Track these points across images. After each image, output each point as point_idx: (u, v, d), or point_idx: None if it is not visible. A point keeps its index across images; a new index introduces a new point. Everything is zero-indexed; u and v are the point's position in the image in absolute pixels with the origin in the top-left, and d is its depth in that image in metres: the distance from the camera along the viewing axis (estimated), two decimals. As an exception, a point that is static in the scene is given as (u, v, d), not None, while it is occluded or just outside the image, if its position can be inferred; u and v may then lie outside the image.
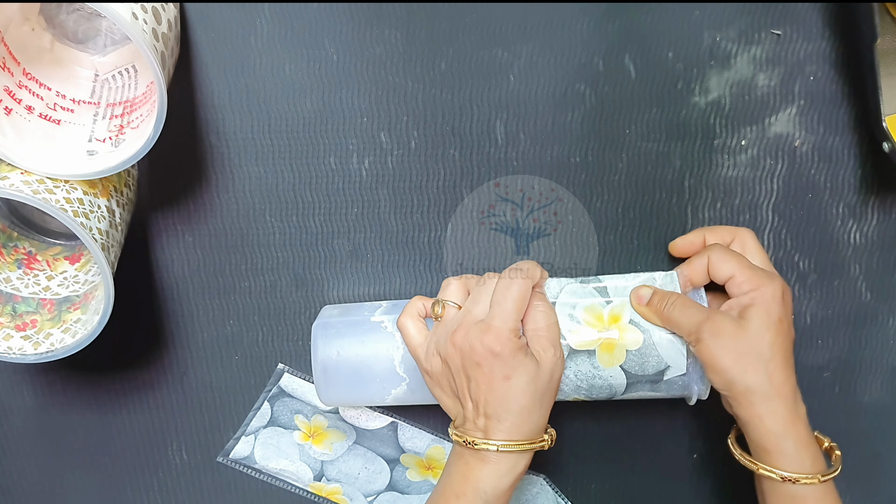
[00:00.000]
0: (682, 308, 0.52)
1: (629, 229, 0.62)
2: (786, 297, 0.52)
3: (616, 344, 0.53)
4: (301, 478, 0.69)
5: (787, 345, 0.52)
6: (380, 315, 0.57)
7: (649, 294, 0.54)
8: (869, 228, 0.61)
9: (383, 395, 0.57)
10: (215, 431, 0.67)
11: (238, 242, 0.62)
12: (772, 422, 0.50)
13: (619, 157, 0.60)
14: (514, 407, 0.50)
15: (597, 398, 0.56)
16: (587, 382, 0.54)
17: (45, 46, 0.54)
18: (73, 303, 0.57)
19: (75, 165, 0.50)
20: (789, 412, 0.51)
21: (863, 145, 0.59)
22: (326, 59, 0.57)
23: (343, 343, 0.57)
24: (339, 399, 0.59)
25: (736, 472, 0.69)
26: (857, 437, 0.67)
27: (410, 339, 0.54)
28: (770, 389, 0.50)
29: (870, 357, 0.65)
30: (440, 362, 0.52)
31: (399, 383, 0.57)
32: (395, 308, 0.58)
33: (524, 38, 0.57)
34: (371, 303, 0.60)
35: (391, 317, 0.57)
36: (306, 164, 0.60)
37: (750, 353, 0.50)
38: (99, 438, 0.67)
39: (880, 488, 0.69)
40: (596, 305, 0.54)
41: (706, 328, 0.51)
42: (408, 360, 0.56)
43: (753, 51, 0.57)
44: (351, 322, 0.58)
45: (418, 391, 0.57)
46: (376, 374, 0.57)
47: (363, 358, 0.56)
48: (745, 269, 0.53)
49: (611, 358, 0.54)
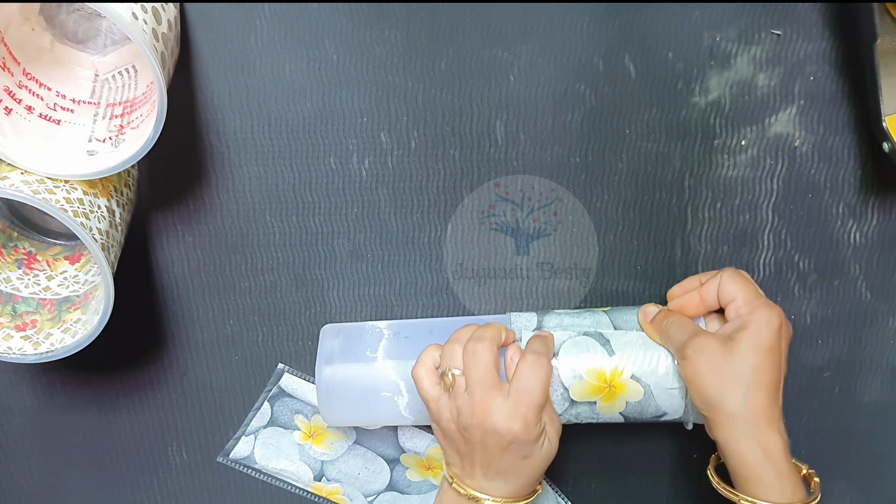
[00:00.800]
0: (677, 325, 0.53)
1: (629, 229, 0.62)
2: (783, 329, 0.51)
3: (617, 396, 0.55)
4: (301, 478, 0.69)
5: (774, 374, 0.51)
6: (383, 360, 0.58)
7: (654, 312, 0.55)
8: (869, 228, 0.61)
9: (387, 426, 0.61)
10: (215, 431, 0.67)
11: (238, 242, 0.62)
12: (749, 447, 0.50)
13: (619, 157, 0.60)
14: (522, 478, 0.52)
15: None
16: (586, 421, 0.57)
17: (45, 46, 0.54)
18: (73, 303, 0.57)
19: (75, 165, 0.50)
20: (768, 440, 0.50)
21: (863, 145, 0.59)
22: (326, 59, 0.57)
23: (348, 385, 0.58)
24: (343, 422, 0.61)
25: (736, 472, 0.69)
26: (857, 437, 0.67)
27: (425, 392, 0.53)
28: (749, 414, 0.50)
29: (870, 357, 0.65)
30: (455, 429, 0.52)
31: (404, 421, 0.59)
32: (398, 342, 0.59)
33: (524, 38, 0.57)
34: (372, 329, 0.60)
35: (395, 362, 0.57)
36: (306, 164, 0.60)
37: (731, 374, 0.50)
38: (99, 438, 0.67)
39: (880, 488, 0.69)
40: (598, 365, 0.55)
41: (692, 344, 0.51)
42: (413, 404, 0.57)
43: (753, 51, 0.57)
44: (354, 365, 0.58)
45: (421, 422, 0.59)
46: (381, 415, 0.59)
47: (367, 402, 0.58)
48: (749, 293, 0.52)
49: (611, 407, 0.55)
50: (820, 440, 0.67)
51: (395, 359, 0.57)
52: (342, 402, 0.58)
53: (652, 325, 0.55)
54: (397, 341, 0.59)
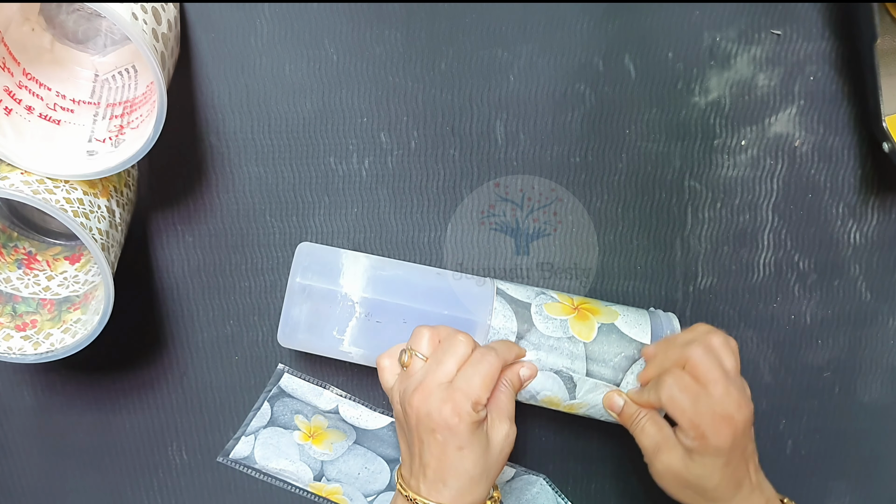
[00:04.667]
0: (644, 429, 0.54)
1: (629, 229, 0.62)
2: (737, 436, 0.51)
3: (574, 411, 0.57)
4: (301, 478, 0.69)
5: (738, 472, 0.52)
6: (349, 345, 0.56)
7: (620, 404, 0.55)
8: (869, 228, 0.61)
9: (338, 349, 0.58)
10: (215, 431, 0.67)
11: (238, 242, 0.62)
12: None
13: (619, 157, 0.60)
14: (462, 477, 0.50)
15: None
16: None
17: (45, 46, 0.54)
18: (73, 303, 0.57)
19: (75, 165, 0.50)
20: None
21: (863, 145, 0.59)
22: (326, 60, 0.57)
23: (308, 345, 0.57)
24: (296, 344, 0.58)
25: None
26: (857, 438, 0.67)
27: (385, 382, 0.54)
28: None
29: (870, 357, 0.65)
30: (401, 413, 0.52)
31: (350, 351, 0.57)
32: (368, 326, 0.56)
33: (524, 38, 0.57)
34: (344, 301, 0.55)
35: (361, 351, 0.57)
36: (306, 164, 0.60)
37: (695, 488, 0.52)
38: (99, 438, 0.67)
39: (880, 488, 0.69)
40: (558, 400, 0.56)
41: (656, 461, 0.53)
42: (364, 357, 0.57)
43: (753, 51, 0.57)
44: (317, 340, 0.57)
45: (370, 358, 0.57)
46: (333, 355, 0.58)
47: (324, 353, 0.58)
48: (690, 417, 0.51)
49: (568, 409, 0.57)
50: (820, 440, 0.67)
51: (362, 347, 0.56)
52: (299, 344, 0.57)
53: (620, 418, 0.55)
54: (368, 325, 0.56)
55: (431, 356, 0.52)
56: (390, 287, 0.56)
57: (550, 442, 0.67)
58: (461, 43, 0.57)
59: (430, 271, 0.59)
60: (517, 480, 0.68)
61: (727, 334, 0.53)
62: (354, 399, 0.66)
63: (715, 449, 0.50)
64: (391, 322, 0.55)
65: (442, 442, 0.49)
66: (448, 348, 0.51)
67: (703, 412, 0.50)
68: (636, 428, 0.54)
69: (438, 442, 0.49)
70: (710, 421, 0.50)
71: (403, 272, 0.58)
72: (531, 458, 0.67)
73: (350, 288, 0.55)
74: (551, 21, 0.56)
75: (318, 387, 0.65)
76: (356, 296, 0.55)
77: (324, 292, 0.55)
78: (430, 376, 0.50)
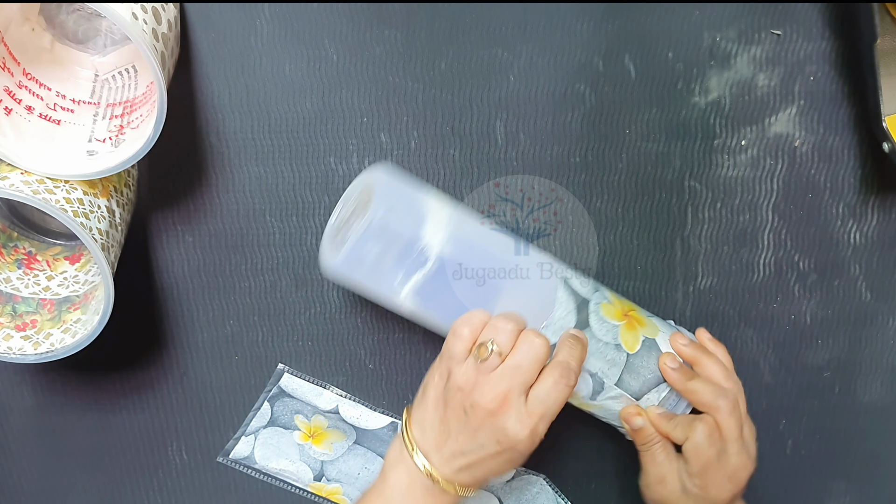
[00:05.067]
0: (654, 455, 0.56)
1: (629, 229, 0.62)
2: (737, 478, 0.54)
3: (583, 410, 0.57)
4: (301, 478, 0.69)
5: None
6: (407, 296, 0.52)
7: (640, 424, 0.56)
8: (869, 228, 0.61)
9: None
10: (215, 431, 0.67)
11: (238, 242, 0.62)
12: None
13: (618, 157, 0.60)
14: (491, 474, 0.51)
15: None
16: None
17: (44, 46, 0.54)
18: (73, 303, 0.57)
19: (75, 165, 0.50)
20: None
21: (863, 145, 0.59)
22: (326, 59, 0.57)
23: (356, 285, 0.53)
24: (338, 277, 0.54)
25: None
26: (857, 437, 0.67)
27: (453, 347, 0.50)
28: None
29: (870, 357, 0.65)
30: (460, 402, 0.50)
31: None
32: (436, 283, 0.52)
33: (524, 38, 0.57)
34: (420, 252, 0.52)
35: (417, 308, 0.53)
36: (306, 164, 0.60)
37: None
38: (99, 438, 0.67)
39: (880, 488, 0.69)
40: (577, 396, 0.56)
41: (658, 488, 0.56)
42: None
43: (753, 51, 0.57)
44: (374, 285, 0.53)
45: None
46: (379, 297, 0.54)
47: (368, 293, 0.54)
48: (701, 466, 0.54)
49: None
50: (820, 440, 0.67)
51: (419, 304, 0.53)
52: (353, 279, 0.53)
53: (634, 435, 0.56)
54: (435, 283, 0.52)
55: (511, 356, 0.50)
56: (469, 251, 0.53)
57: (550, 442, 0.67)
58: (461, 43, 0.57)
59: (508, 242, 0.55)
60: (517, 480, 0.68)
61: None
62: (354, 399, 0.66)
63: (713, 500, 0.54)
64: (459, 287, 0.53)
65: (499, 456, 0.50)
66: (528, 352, 0.49)
67: (716, 468, 0.54)
68: (648, 451, 0.56)
69: (495, 452, 0.49)
70: (719, 478, 0.54)
71: (483, 238, 0.55)
72: (531, 458, 0.67)
73: (430, 240, 0.52)
74: (551, 21, 0.56)
75: (318, 387, 0.65)
76: (433, 250, 0.52)
77: (403, 237, 0.51)
78: (510, 383, 0.49)
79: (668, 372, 0.54)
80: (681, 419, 0.55)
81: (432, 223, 0.52)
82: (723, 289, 0.63)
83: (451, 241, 0.52)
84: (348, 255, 0.51)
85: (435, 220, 0.52)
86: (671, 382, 0.55)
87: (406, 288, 0.52)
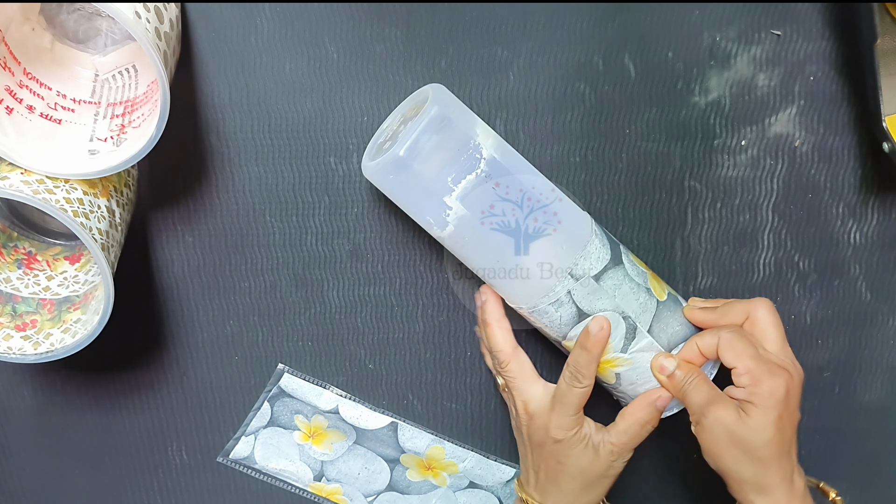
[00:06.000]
0: (694, 387, 0.52)
1: (629, 229, 0.62)
2: (790, 392, 0.51)
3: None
4: (301, 478, 0.68)
5: (787, 436, 0.51)
6: (456, 198, 0.51)
7: (671, 367, 0.54)
8: (869, 228, 0.62)
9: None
10: (215, 431, 0.67)
11: (238, 242, 0.62)
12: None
13: (618, 157, 0.60)
14: (564, 488, 0.55)
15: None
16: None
17: (45, 46, 0.54)
18: (73, 303, 0.57)
19: (77, 164, 0.50)
20: (781, 494, 0.51)
21: (863, 145, 0.59)
22: (327, 58, 0.57)
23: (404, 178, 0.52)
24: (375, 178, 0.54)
25: (736, 472, 0.69)
26: (857, 437, 0.67)
27: (499, 342, 0.57)
28: (763, 482, 0.51)
29: (870, 357, 0.65)
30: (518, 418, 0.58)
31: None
32: (484, 189, 0.52)
33: (524, 36, 0.57)
34: (474, 150, 0.51)
35: (462, 211, 0.52)
36: (306, 164, 0.60)
37: (745, 447, 0.51)
38: (99, 438, 0.67)
39: (880, 488, 0.69)
40: (611, 346, 0.55)
41: (708, 414, 0.51)
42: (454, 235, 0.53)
43: (753, 51, 0.57)
44: (427, 177, 0.51)
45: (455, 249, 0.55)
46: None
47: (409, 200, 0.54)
48: (748, 360, 0.51)
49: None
50: (820, 440, 0.67)
51: (468, 207, 0.52)
52: (404, 176, 0.51)
53: (670, 381, 0.54)
54: (484, 187, 0.52)
55: None
56: (516, 163, 0.53)
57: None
58: (461, 41, 0.57)
59: (544, 180, 0.56)
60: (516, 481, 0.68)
61: None
62: (354, 399, 0.66)
63: (769, 397, 0.50)
64: (506, 195, 0.53)
65: (547, 455, 0.57)
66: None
67: (761, 359, 0.51)
68: (687, 387, 0.53)
69: (544, 455, 0.57)
70: (767, 367, 0.50)
71: (522, 163, 0.55)
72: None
73: (482, 141, 0.52)
74: (551, 20, 0.56)
75: (318, 387, 0.65)
76: (486, 151, 0.52)
77: (460, 131, 0.51)
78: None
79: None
80: (707, 332, 0.53)
81: (483, 129, 0.53)
82: (723, 289, 0.63)
83: (499, 150, 0.52)
84: (410, 147, 0.50)
85: (485, 129, 0.53)
86: (701, 323, 0.55)
87: (458, 189, 0.51)
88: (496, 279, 0.56)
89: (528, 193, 0.53)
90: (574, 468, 0.55)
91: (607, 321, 0.53)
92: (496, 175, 0.52)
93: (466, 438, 0.67)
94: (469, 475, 0.68)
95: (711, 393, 0.52)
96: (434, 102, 0.51)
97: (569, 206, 0.55)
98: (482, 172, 0.51)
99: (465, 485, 0.69)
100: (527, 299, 0.55)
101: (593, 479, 0.55)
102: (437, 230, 0.53)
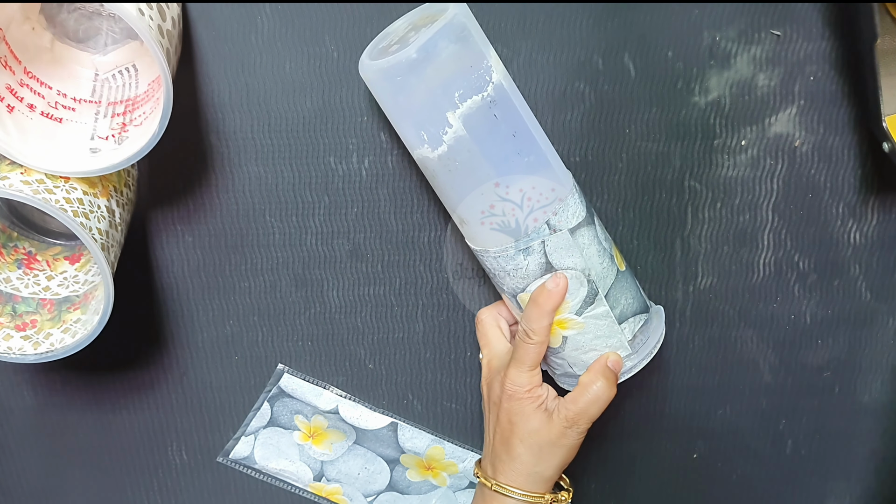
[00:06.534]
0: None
1: (629, 229, 0.62)
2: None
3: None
4: (301, 478, 0.68)
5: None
6: (458, 117, 0.49)
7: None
8: (869, 228, 0.62)
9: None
10: (215, 431, 0.67)
11: (238, 242, 0.62)
12: None
13: (618, 157, 0.60)
14: (514, 452, 0.55)
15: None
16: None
17: (45, 45, 0.54)
18: (73, 303, 0.57)
19: (79, 162, 0.50)
20: None
21: (863, 145, 0.59)
22: (327, 57, 0.57)
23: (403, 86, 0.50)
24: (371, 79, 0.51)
25: (735, 473, 0.69)
26: (857, 437, 0.67)
27: (488, 330, 0.60)
28: None
29: (870, 357, 0.65)
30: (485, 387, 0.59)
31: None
32: (484, 120, 0.50)
33: (523, 35, 0.57)
34: (482, 73, 0.49)
35: (461, 133, 0.50)
36: (306, 164, 0.60)
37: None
38: (99, 438, 0.67)
39: (880, 488, 0.69)
40: (568, 306, 0.55)
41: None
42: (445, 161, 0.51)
43: (753, 51, 0.57)
44: (436, 85, 0.49)
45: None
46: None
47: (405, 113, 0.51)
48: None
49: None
50: (820, 440, 0.67)
51: (467, 130, 0.50)
52: (415, 79, 0.49)
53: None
54: (486, 113, 0.50)
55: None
56: (519, 98, 0.52)
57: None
58: (462, 42, 0.57)
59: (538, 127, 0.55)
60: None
61: None
62: (354, 399, 0.66)
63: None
64: (505, 127, 0.51)
65: (505, 413, 0.57)
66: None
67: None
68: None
69: (500, 412, 0.57)
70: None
71: (522, 102, 0.53)
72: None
73: (495, 65, 0.50)
74: (551, 18, 0.56)
75: (318, 387, 0.65)
76: (496, 76, 0.50)
77: (476, 48, 0.49)
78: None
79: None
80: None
81: (495, 55, 0.51)
82: (723, 289, 0.63)
83: (507, 80, 0.51)
84: (426, 48, 0.47)
85: (496, 56, 0.51)
86: None
87: (462, 108, 0.49)
88: (475, 213, 0.54)
89: (525, 136, 0.51)
90: (524, 429, 0.54)
91: (565, 279, 0.53)
92: (500, 103, 0.50)
93: (466, 438, 0.67)
94: (469, 475, 0.68)
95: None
96: (457, 8, 0.49)
97: (555, 156, 0.54)
98: (488, 97, 0.49)
99: (465, 485, 0.69)
100: (500, 240, 0.54)
101: (544, 446, 0.54)
102: (426, 148, 0.51)
